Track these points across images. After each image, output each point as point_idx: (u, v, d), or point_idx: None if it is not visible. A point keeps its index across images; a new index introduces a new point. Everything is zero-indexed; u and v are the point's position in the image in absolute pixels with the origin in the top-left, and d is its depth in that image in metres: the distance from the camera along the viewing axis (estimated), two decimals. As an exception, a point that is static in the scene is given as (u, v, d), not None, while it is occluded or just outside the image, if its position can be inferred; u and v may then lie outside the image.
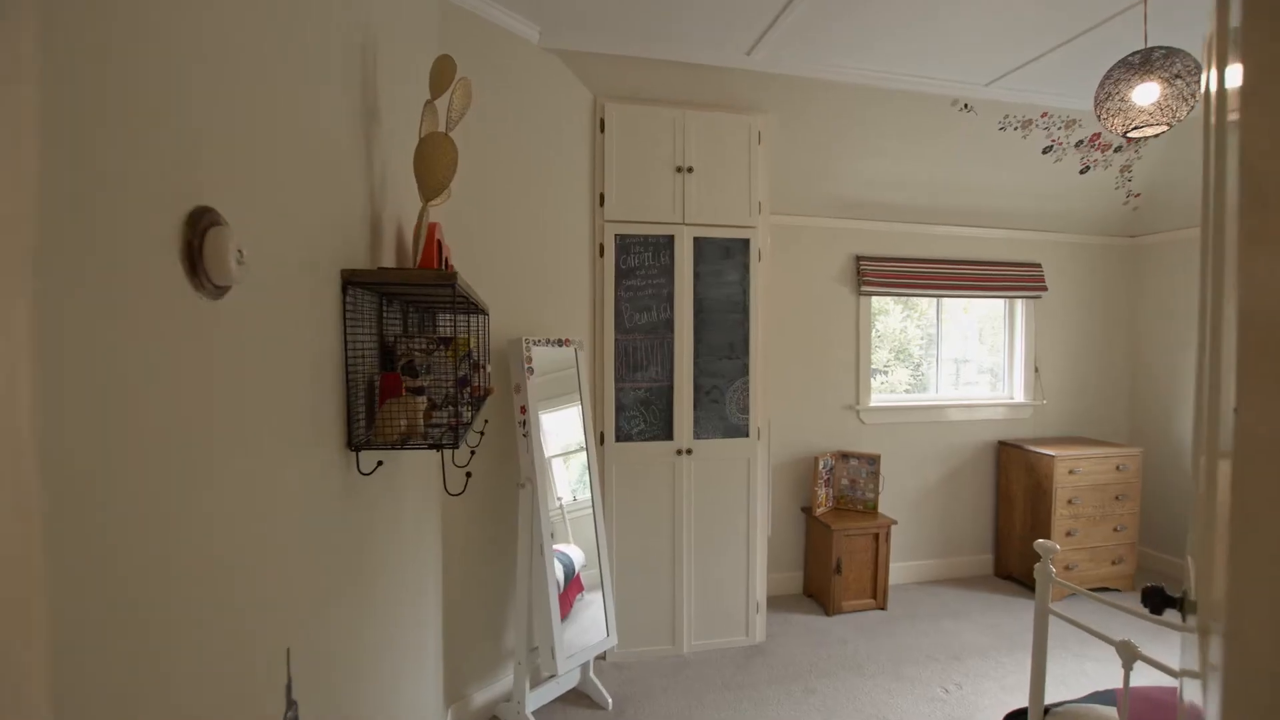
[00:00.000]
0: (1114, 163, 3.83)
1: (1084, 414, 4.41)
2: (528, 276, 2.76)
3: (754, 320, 3.12)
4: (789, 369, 3.83)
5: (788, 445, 3.83)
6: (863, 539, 3.60)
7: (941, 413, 4.10)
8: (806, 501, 3.86)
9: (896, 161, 3.60)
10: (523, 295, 2.74)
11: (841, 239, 3.91)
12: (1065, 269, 4.34)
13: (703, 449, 3.06)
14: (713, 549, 3.09)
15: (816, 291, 3.88)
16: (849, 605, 3.58)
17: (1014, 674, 2.95)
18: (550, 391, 2.68)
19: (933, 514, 4.11)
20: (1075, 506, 3.77)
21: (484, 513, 2.60)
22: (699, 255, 3.06)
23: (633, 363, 3.00)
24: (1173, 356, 4.20)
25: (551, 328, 2.82)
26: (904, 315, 4.26)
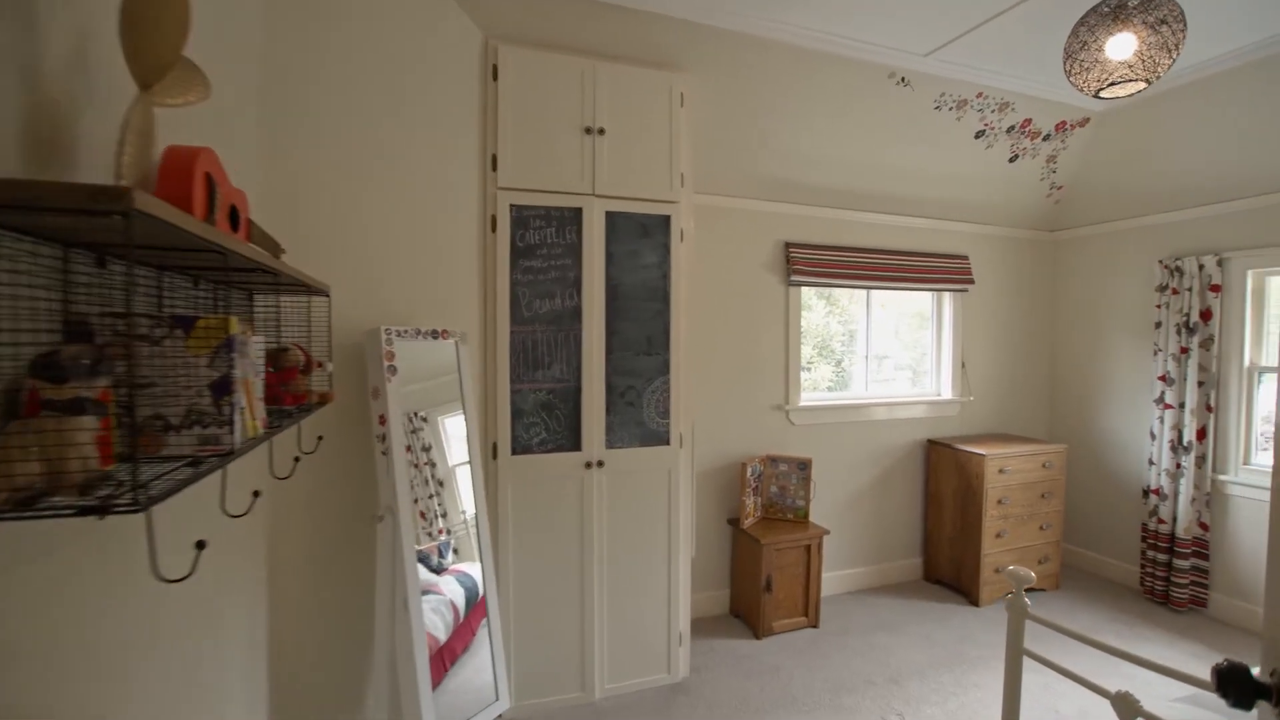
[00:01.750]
0: (1041, 152, 3.71)
1: (1009, 411, 4.33)
2: (392, 250, 2.21)
3: (675, 310, 2.70)
4: (714, 366, 3.46)
5: (713, 451, 3.46)
6: (794, 552, 3.28)
7: (872, 411, 3.86)
8: (734, 512, 3.51)
9: (830, 139, 3.29)
10: (384, 274, 2.19)
11: (771, 224, 3.58)
12: (991, 262, 4.23)
13: (617, 460, 2.61)
14: (629, 576, 2.65)
15: (744, 280, 3.53)
16: (780, 625, 3.25)
17: (955, 696, 2.70)
18: (428, 398, 2.15)
19: (864, 519, 3.88)
20: (1005, 507, 3.63)
21: (329, 554, 2.03)
22: (612, 232, 2.61)
23: (532, 359, 2.51)
24: (1092, 352, 4.17)
25: (426, 316, 2.28)
26: (826, 311, 4.00)
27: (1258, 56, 2.84)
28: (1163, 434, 3.62)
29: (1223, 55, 2.90)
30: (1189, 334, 3.50)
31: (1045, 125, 3.53)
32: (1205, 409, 3.45)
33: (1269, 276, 3.35)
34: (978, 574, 3.60)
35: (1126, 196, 3.82)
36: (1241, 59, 2.89)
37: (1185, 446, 3.50)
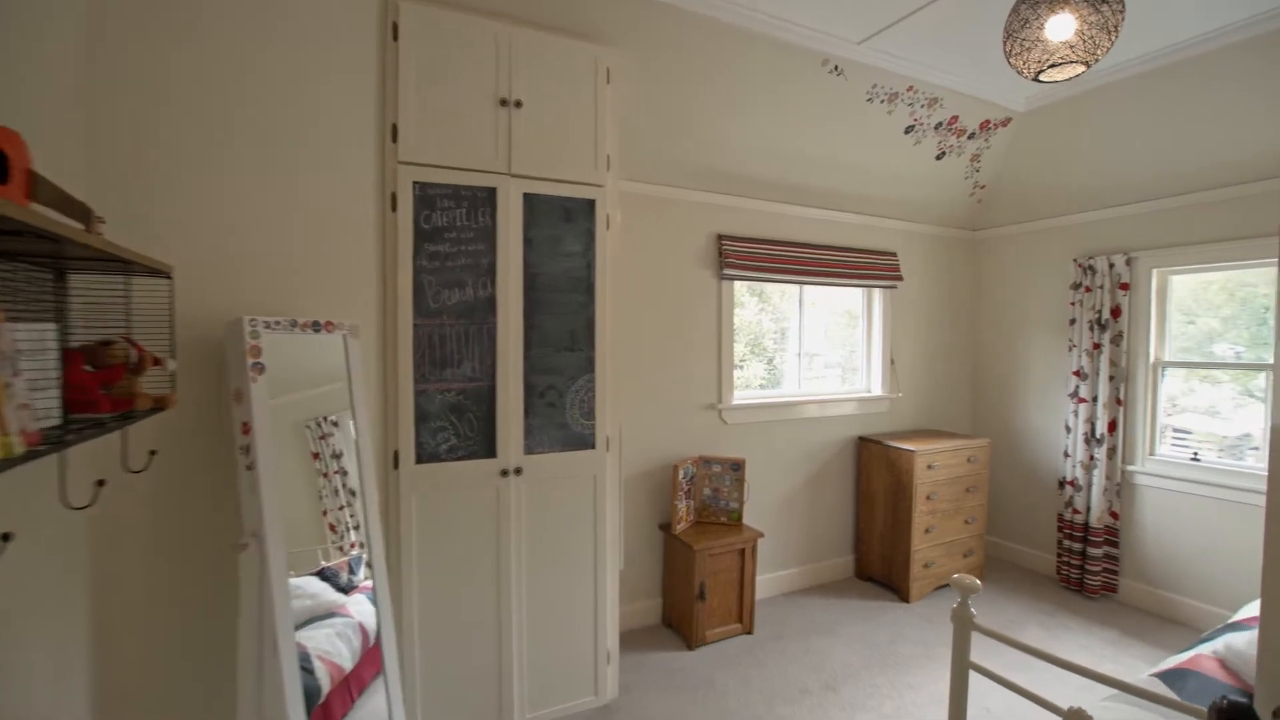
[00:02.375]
0: (966, 151, 3.75)
1: (935, 406, 4.39)
2: (263, 229, 1.89)
3: (601, 303, 2.49)
4: (643, 363, 3.27)
5: (642, 453, 3.27)
6: (728, 557, 3.14)
7: (804, 409, 3.79)
8: (665, 517, 3.34)
9: (763, 128, 3.17)
10: (252, 256, 1.86)
11: (703, 215, 3.43)
12: (918, 260, 4.26)
13: (537, 467, 2.38)
14: (552, 593, 2.43)
15: (675, 273, 3.36)
16: (713, 634, 3.11)
17: (890, 699, 2.63)
18: (338, 400, 1.84)
19: (797, 519, 3.80)
20: (933, 502, 3.64)
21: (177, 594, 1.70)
22: (531, 216, 2.37)
23: (440, 356, 2.23)
24: (1012, 348, 4.28)
25: (309, 305, 1.96)
26: (759, 308, 3.91)
27: (1162, 64, 2.93)
28: (1077, 427, 3.73)
29: (1131, 60, 2.98)
30: (1101, 330, 3.62)
31: (971, 123, 3.56)
32: (1115, 402, 3.58)
33: (1171, 275, 3.50)
34: (908, 570, 3.60)
35: (1043, 197, 3.92)
36: (1148, 65, 2.97)
37: (1098, 439, 3.62)
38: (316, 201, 2.00)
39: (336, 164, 2.04)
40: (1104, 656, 2.98)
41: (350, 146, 2.08)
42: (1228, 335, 3.35)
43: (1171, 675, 1.94)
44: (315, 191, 2.00)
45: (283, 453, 1.84)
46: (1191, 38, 2.75)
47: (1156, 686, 1.89)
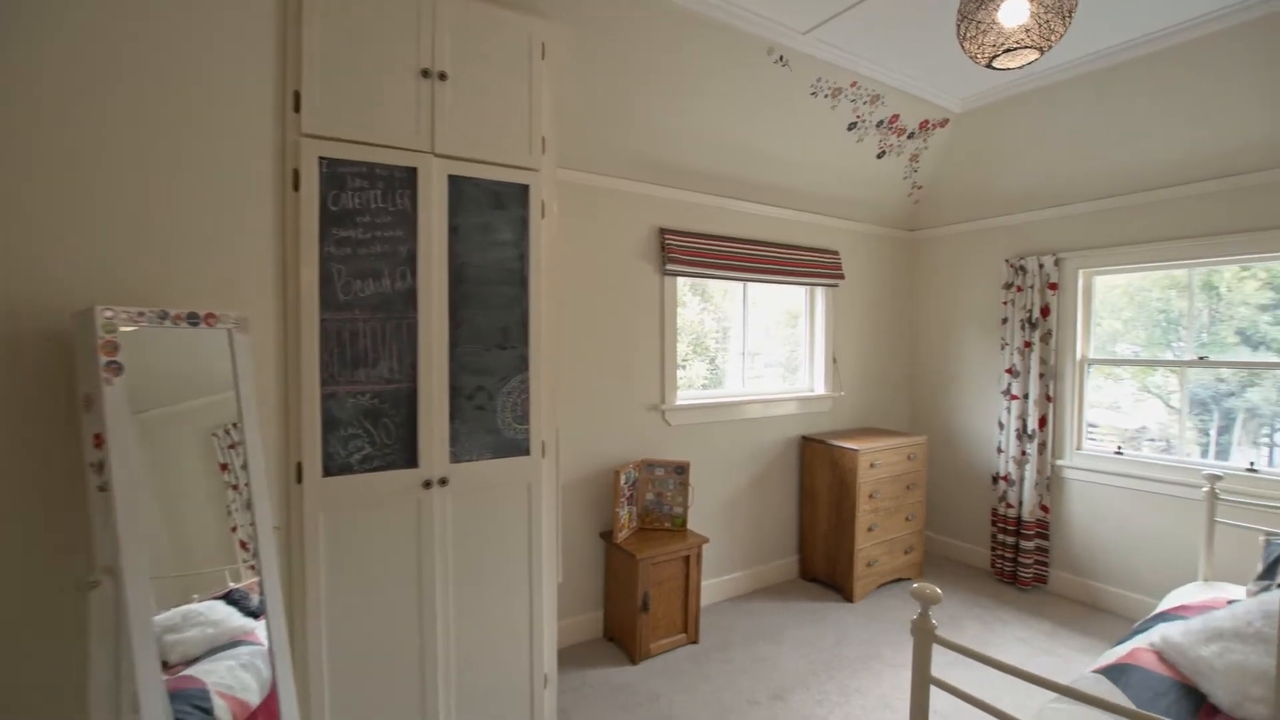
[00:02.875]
0: (906, 150, 3.77)
1: (875, 405, 4.41)
2: (128, 206, 1.60)
3: (536, 297, 2.29)
4: (582, 362, 3.10)
5: (582, 458, 3.10)
6: (672, 565, 3.01)
7: (748, 409, 3.71)
8: (606, 525, 3.17)
9: (707, 118, 3.06)
10: (111, 237, 1.58)
11: (645, 207, 3.28)
12: (859, 259, 4.27)
13: (464, 475, 2.16)
14: (482, 613, 2.21)
15: (616, 268, 3.20)
16: (658, 646, 2.97)
17: (839, 706, 2.56)
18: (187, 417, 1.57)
19: (742, 522, 3.72)
20: (875, 500, 3.63)
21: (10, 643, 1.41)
22: (457, 201, 2.15)
23: (352, 354, 1.98)
24: (947, 347, 4.36)
25: (184, 294, 1.69)
26: (701, 307, 3.81)
27: (1089, 70, 3.00)
28: (1009, 423, 3.82)
29: (1060, 65, 3.04)
30: (1031, 329, 3.72)
31: (911, 123, 3.57)
32: (1045, 399, 3.68)
33: (1095, 276, 3.62)
34: (851, 569, 3.57)
35: (977, 198, 4.00)
36: (1075, 71, 3.04)
37: (1029, 434, 3.71)
38: (196, 177, 1.72)
39: (223, 135, 1.77)
40: (1041, 649, 3.02)
41: (243, 115, 1.81)
42: (1128, 336, 3.54)
43: (1114, 670, 1.94)
44: (198, 164, 1.72)
45: (182, 465, 1.58)
46: (1118, 44, 2.83)
47: (1101, 683, 1.88)
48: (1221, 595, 2.39)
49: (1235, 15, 2.54)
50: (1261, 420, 3.13)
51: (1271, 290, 3.08)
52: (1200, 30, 2.65)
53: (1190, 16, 2.60)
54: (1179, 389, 3.35)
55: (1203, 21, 2.62)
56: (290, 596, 1.89)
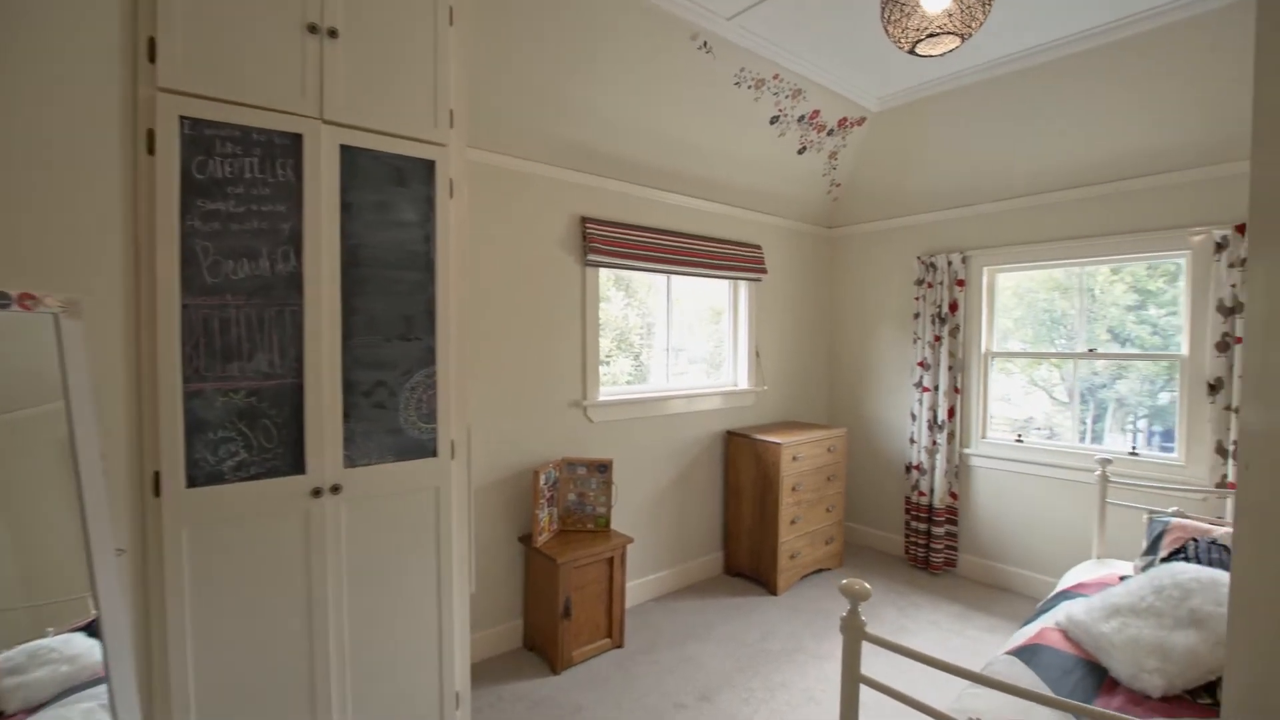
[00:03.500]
0: (825, 147, 3.82)
1: (796, 398, 4.47)
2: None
3: (444, 284, 2.10)
4: (497, 356, 2.91)
5: (498, 458, 2.91)
6: (595, 567, 2.88)
7: (672, 404, 3.65)
8: (525, 529, 3.00)
9: (629, 103, 2.95)
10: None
11: (565, 195, 3.13)
12: (780, 254, 4.30)
13: (361, 481, 1.94)
14: (384, 632, 2.00)
15: (535, 257, 3.03)
16: (581, 653, 2.83)
17: (765, 703, 2.53)
18: None
19: (666, 519, 3.65)
20: (798, 493, 3.66)
21: None
22: (351, 175, 1.92)
23: (222, 346, 1.72)
24: (863, 341, 4.47)
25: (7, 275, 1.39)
26: (625, 302, 3.71)
27: (996, 74, 3.13)
28: (921, 414, 3.96)
29: (968, 69, 3.16)
30: (941, 324, 3.87)
31: (831, 119, 3.62)
32: (954, 390, 3.84)
33: (998, 273, 3.82)
34: (775, 562, 3.58)
35: (891, 197, 4.12)
36: (980, 75, 3.17)
37: (939, 425, 3.86)
38: (28, 133, 1.42)
39: (60, 83, 1.47)
40: (952, 631, 3.13)
41: (81, 61, 1.52)
42: (1017, 334, 3.78)
43: (1025, 652, 1.99)
44: (24, 119, 1.42)
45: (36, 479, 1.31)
46: (1024, 50, 2.95)
47: (1014, 664, 1.92)
48: (1113, 571, 2.54)
49: (1123, 29, 2.71)
50: (1128, 409, 3.40)
51: (1135, 293, 3.35)
52: (1092, 42, 2.81)
53: (1084, 28, 2.75)
54: (1061, 382, 3.62)
55: (1094, 34, 2.78)
56: (149, 628, 1.62)
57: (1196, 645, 1.71)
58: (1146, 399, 3.35)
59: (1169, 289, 3.26)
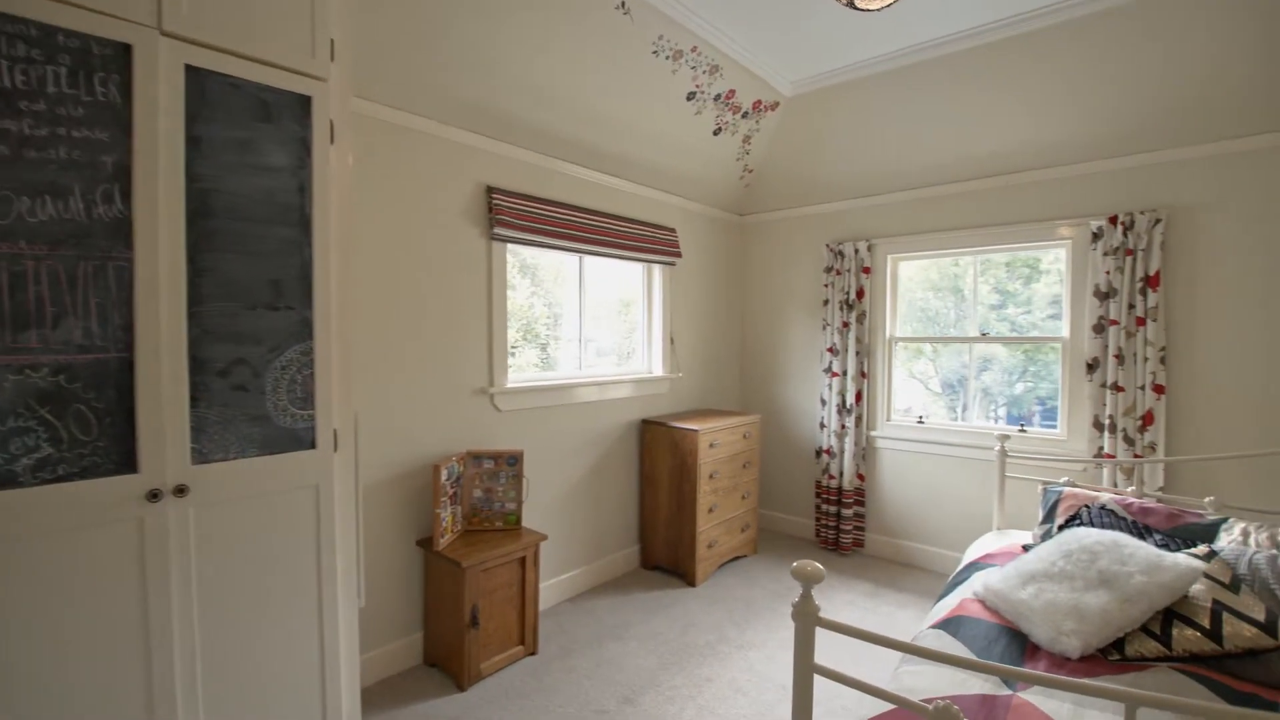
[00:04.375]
0: (740, 130, 3.77)
1: (710, 386, 4.42)
2: None
3: (322, 244, 1.77)
4: (390, 335, 2.58)
5: (392, 451, 2.58)
6: (506, 569, 2.63)
7: (585, 392, 3.45)
8: (425, 530, 2.69)
9: (540, 64, 2.71)
10: None
11: (470, 161, 2.84)
12: (694, 239, 4.23)
13: (217, 480, 1.58)
14: (248, 662, 1.65)
15: (435, 227, 2.72)
16: (491, 665, 2.57)
17: (692, 699, 2.40)
18: None
19: (581, 514, 3.44)
20: (715, 480, 3.59)
21: None
22: (200, 103, 1.56)
23: (13, 309, 1.32)
24: (774, 328, 4.50)
25: None
26: (531, 290, 3.46)
27: (899, 65, 3.21)
28: (831, 399, 4.03)
29: (877, 58, 3.21)
30: (849, 310, 3.95)
31: (746, 101, 3.57)
32: (861, 375, 3.93)
33: (901, 261, 3.95)
34: (694, 552, 3.49)
35: (801, 186, 4.16)
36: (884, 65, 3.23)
37: (848, 409, 3.95)
38: None
39: None
40: (866, 609, 3.18)
41: None
42: (899, 329, 3.97)
43: (949, 624, 1.99)
44: None
45: None
46: (930, 40, 3.03)
47: (942, 638, 1.91)
48: (1015, 540, 2.65)
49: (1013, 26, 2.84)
50: (990, 397, 3.67)
51: (997, 293, 3.62)
52: (985, 38, 2.93)
53: (980, 22, 2.86)
54: (935, 374, 3.86)
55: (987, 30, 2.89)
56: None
57: (1108, 604, 1.77)
58: (1005, 389, 3.62)
59: (1024, 290, 3.54)
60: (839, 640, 2.68)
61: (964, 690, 1.61)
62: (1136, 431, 2.96)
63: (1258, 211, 2.78)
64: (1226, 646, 1.64)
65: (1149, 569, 1.80)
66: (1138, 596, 1.75)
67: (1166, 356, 2.96)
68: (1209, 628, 1.68)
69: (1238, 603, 1.70)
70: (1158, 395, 2.92)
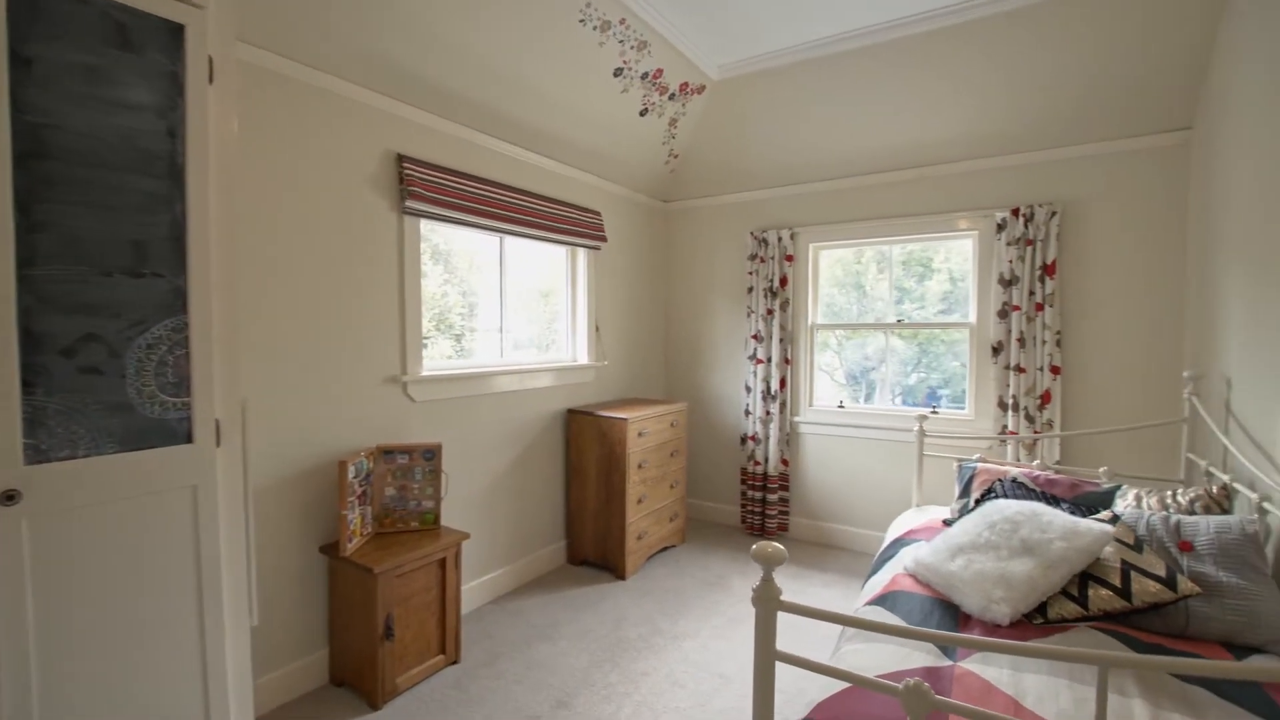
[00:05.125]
0: (667, 112, 3.70)
1: (635, 374, 4.33)
2: None
3: (198, 201, 1.50)
4: (285, 314, 2.28)
5: (289, 447, 2.29)
6: (424, 573, 2.41)
7: (507, 381, 3.25)
8: (330, 535, 2.41)
9: (459, 19, 2.48)
10: None
11: (379, 126, 2.57)
12: (618, 224, 4.11)
13: (60, 483, 1.29)
14: (109, 702, 1.36)
15: (337, 197, 2.44)
16: (409, 678, 2.34)
17: (629, 696, 2.30)
18: None
19: (505, 510, 3.25)
20: (644, 470, 3.51)
21: None
22: (32, 16, 1.26)
23: None
24: (699, 316, 4.48)
25: None
26: (444, 278, 3.19)
27: (825, 53, 3.24)
28: (756, 386, 4.05)
29: (805, 44, 3.23)
30: (772, 297, 3.99)
31: (673, 82, 3.49)
32: (784, 362, 3.98)
33: (821, 250, 4.04)
34: (623, 545, 3.39)
35: (727, 173, 4.15)
36: (809, 53, 3.26)
37: (772, 395, 3.99)
38: None
39: None
40: (795, 591, 3.21)
41: None
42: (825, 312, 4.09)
43: (885, 600, 2.01)
44: None
45: None
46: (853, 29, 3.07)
47: (879, 613, 1.92)
48: (935, 516, 2.75)
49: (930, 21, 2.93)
50: (887, 387, 3.86)
51: (895, 289, 3.81)
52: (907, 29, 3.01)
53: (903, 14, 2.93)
54: (840, 365, 4.03)
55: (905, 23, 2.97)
56: None
57: (1032, 571, 1.84)
58: (902, 379, 3.85)
59: (918, 287, 3.75)
60: (780, 625, 2.67)
61: (908, 665, 1.61)
62: (1036, 410, 3.17)
63: (1139, 206, 3.04)
64: (1135, 602, 1.75)
65: (1067, 535, 1.88)
66: (1059, 562, 1.83)
67: (1062, 339, 3.19)
68: (1120, 586, 1.78)
69: (1142, 561, 1.81)
70: (1054, 375, 3.14)
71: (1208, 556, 1.82)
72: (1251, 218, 2.13)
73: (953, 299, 3.66)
